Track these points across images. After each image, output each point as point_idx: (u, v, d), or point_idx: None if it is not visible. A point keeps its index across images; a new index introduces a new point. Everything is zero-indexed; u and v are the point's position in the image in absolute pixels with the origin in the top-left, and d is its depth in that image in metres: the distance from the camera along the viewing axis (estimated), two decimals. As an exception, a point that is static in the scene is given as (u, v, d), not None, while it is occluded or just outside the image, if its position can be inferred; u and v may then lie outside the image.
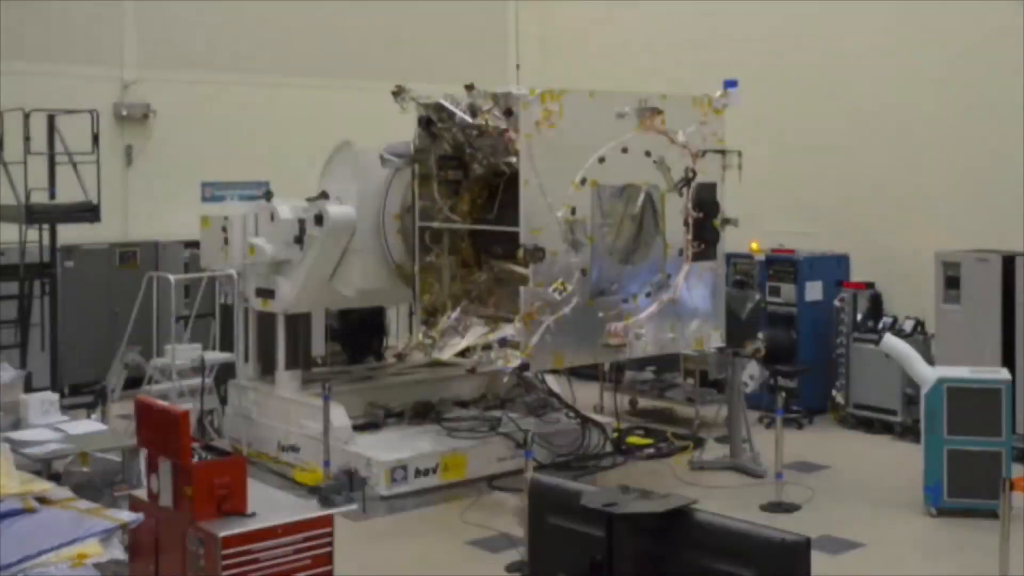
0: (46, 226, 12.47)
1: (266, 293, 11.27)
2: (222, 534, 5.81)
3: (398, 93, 10.15)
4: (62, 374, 13.77)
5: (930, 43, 13.19)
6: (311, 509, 6.43)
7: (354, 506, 6.44)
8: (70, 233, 14.22)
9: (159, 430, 6.22)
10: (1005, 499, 7.11)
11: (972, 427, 9.19)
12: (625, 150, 9.67)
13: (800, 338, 12.82)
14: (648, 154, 9.75)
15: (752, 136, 11.40)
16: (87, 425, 8.83)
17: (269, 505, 6.25)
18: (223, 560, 5.78)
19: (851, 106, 13.90)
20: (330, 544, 6.11)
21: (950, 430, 9.23)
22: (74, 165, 12.42)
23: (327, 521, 6.18)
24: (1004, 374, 9.51)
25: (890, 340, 10.06)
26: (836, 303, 12.84)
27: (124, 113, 15.01)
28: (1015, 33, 12.22)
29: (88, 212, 12.48)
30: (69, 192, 12.55)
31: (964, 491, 9.23)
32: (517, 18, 18.41)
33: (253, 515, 6.03)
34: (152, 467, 6.29)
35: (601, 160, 9.57)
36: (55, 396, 9.16)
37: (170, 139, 15.33)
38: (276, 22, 16.16)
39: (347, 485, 9.63)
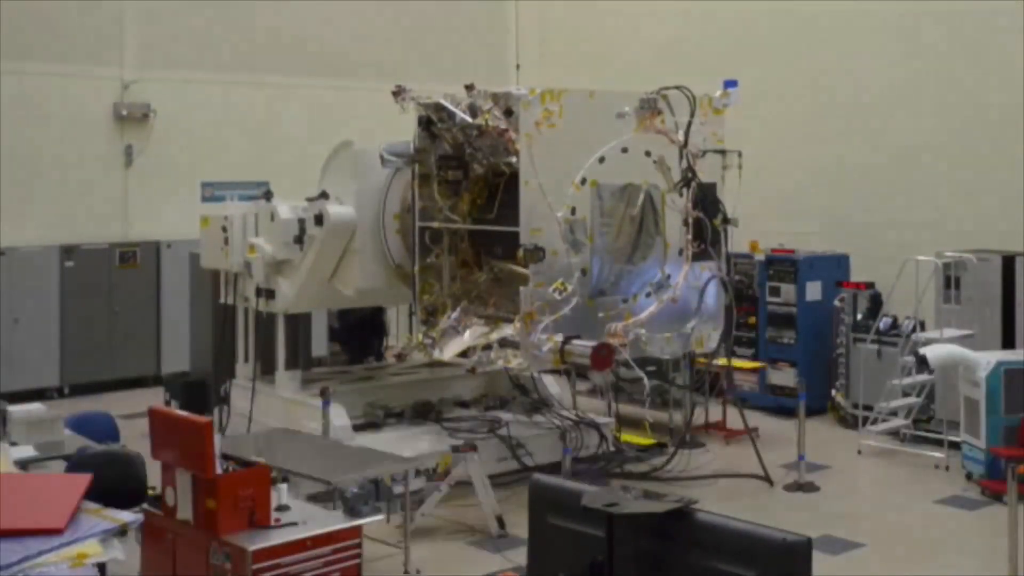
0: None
1: (266, 293, 11.26)
2: (252, 548, 5.67)
3: (398, 93, 10.14)
4: (65, 375, 13.78)
5: (930, 43, 13.20)
6: (336, 519, 6.28)
7: (380, 516, 6.38)
8: (70, 233, 14.24)
9: (177, 441, 6.03)
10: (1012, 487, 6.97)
11: None
12: (625, 150, 9.68)
13: (800, 337, 12.84)
14: (648, 154, 9.75)
15: (752, 136, 11.39)
16: None
17: (290, 515, 6.12)
18: (253, 575, 5.64)
19: (851, 106, 13.90)
20: (359, 556, 6.01)
21: (1007, 409, 9.89)
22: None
23: (355, 532, 6.07)
24: None
25: (935, 351, 10.32)
26: (836, 303, 12.83)
27: (124, 113, 14.99)
28: (1015, 33, 12.22)
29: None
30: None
31: None
32: (517, 18, 18.41)
33: (278, 527, 5.91)
34: (168, 480, 6.10)
35: (601, 160, 9.57)
36: None
37: (170, 139, 15.32)
38: (276, 22, 16.14)
39: (374, 494, 9.50)
